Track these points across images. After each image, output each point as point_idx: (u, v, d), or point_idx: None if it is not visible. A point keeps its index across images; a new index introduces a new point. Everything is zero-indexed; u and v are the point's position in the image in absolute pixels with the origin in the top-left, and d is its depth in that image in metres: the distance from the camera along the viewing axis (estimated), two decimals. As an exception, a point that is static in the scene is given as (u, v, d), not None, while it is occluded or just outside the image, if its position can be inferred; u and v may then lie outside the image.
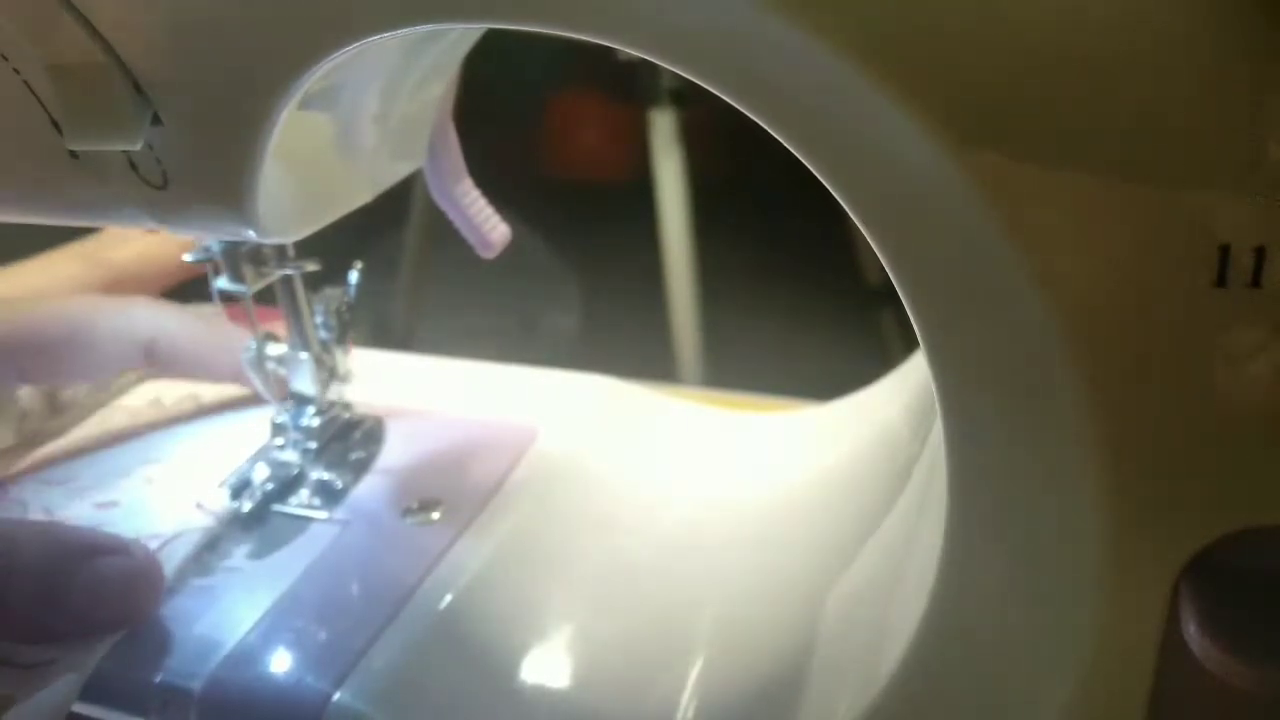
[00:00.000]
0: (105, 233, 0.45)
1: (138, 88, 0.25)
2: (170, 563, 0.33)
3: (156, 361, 0.40)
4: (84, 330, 0.39)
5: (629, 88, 1.08)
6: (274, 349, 0.38)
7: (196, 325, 0.40)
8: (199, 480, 0.37)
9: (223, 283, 0.36)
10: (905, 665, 0.25)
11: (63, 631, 0.29)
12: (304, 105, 0.26)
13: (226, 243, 0.35)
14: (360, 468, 0.38)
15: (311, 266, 0.36)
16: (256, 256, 0.35)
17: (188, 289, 0.44)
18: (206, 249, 0.35)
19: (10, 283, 0.43)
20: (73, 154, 0.27)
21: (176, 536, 0.34)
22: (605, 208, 1.32)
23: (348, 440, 0.39)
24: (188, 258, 0.35)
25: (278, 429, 0.39)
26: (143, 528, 0.35)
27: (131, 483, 0.37)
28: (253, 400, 0.41)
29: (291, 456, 0.38)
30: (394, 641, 0.30)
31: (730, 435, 0.41)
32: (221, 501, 0.36)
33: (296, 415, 0.38)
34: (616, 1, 0.22)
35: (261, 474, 0.37)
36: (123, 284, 0.43)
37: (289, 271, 0.36)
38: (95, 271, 0.43)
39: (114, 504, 0.36)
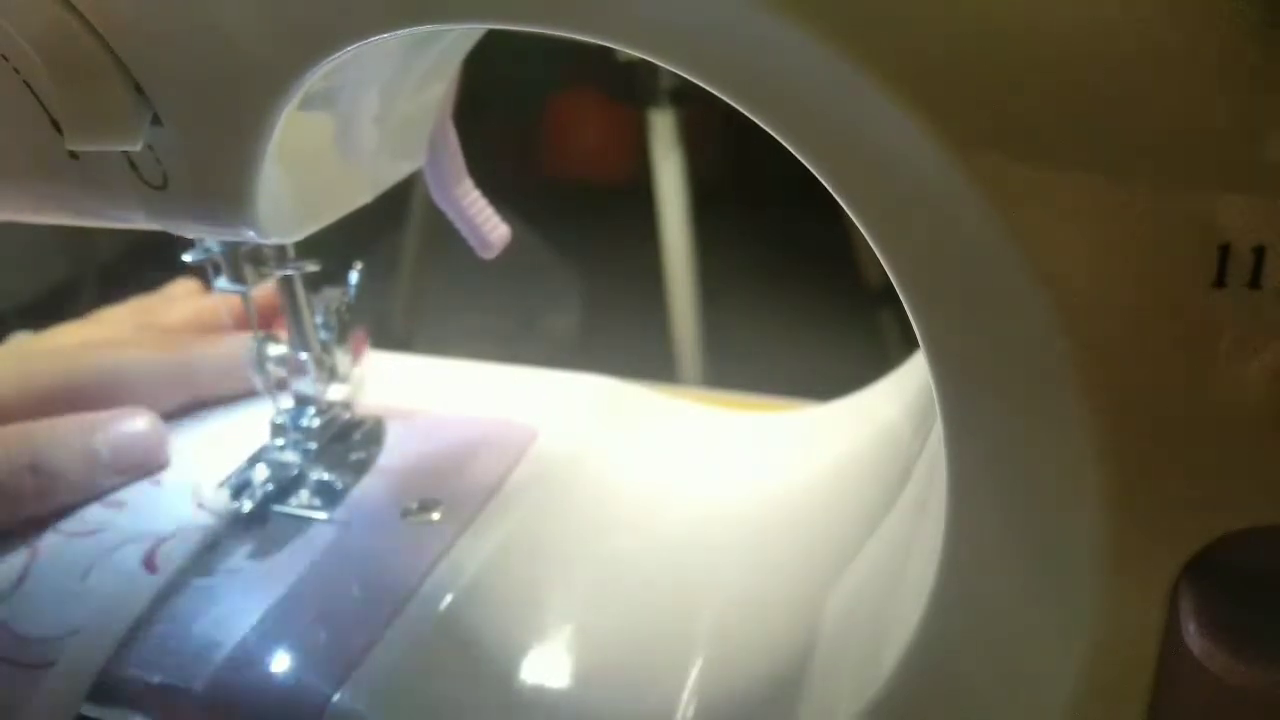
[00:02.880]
0: (157, 295, 0.45)
1: (138, 88, 0.25)
2: (171, 562, 0.33)
3: (202, 392, 0.41)
4: (127, 372, 0.39)
5: (629, 88, 1.08)
6: (274, 349, 0.38)
7: (234, 346, 0.40)
8: (206, 480, 0.37)
9: (223, 283, 0.36)
10: (905, 665, 0.25)
11: (105, 485, 0.37)
12: (304, 106, 0.26)
13: (226, 243, 0.35)
14: (360, 468, 0.38)
15: (311, 267, 0.36)
16: (256, 256, 0.35)
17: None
18: (206, 249, 0.35)
19: (66, 337, 0.43)
20: (73, 154, 0.27)
21: (175, 535, 0.34)
22: (605, 208, 1.32)
23: (348, 441, 0.39)
24: (188, 258, 0.35)
25: (277, 429, 0.39)
26: (150, 527, 0.35)
27: (138, 484, 0.37)
28: (254, 399, 0.41)
29: (291, 457, 0.38)
30: (394, 642, 0.30)
31: (730, 435, 0.41)
32: (221, 502, 0.36)
33: (296, 416, 0.38)
34: (616, 1, 0.22)
35: (261, 474, 0.37)
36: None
37: (289, 271, 0.36)
38: (147, 333, 0.43)
39: (122, 504, 0.36)
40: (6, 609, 0.32)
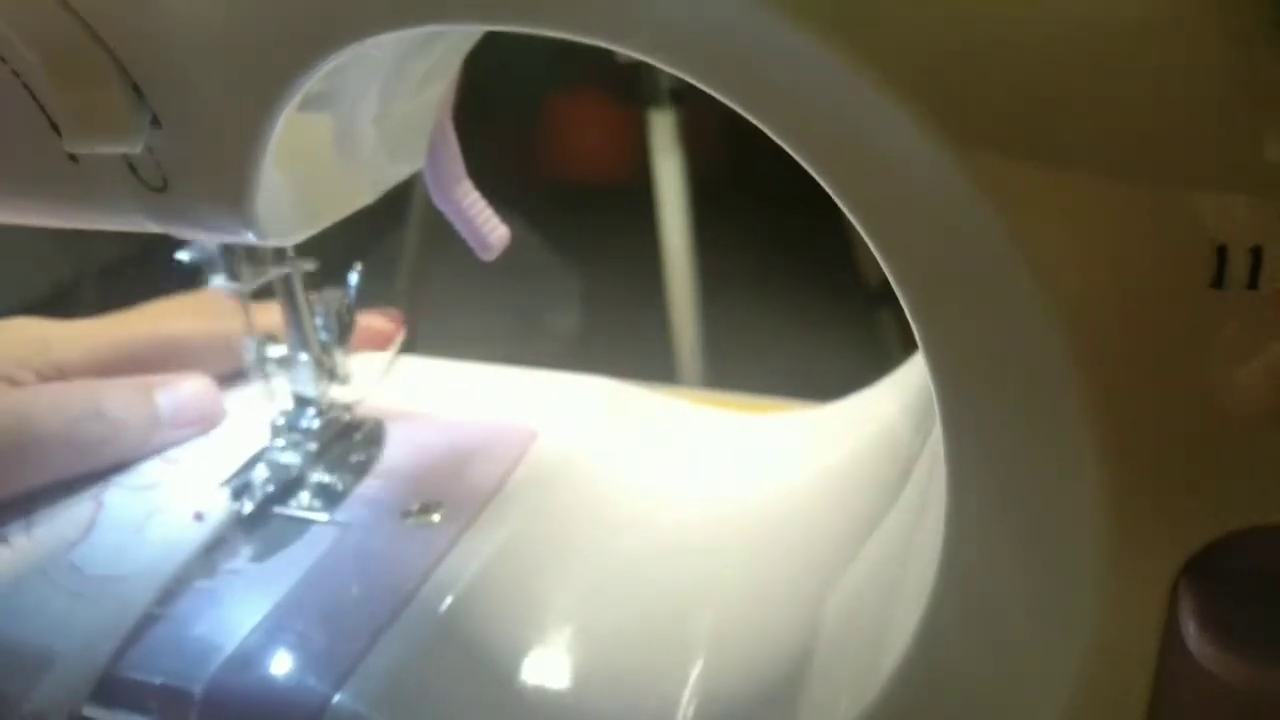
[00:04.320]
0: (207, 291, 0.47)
1: (136, 89, 0.25)
2: (216, 515, 0.35)
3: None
4: (183, 340, 0.41)
5: (628, 88, 1.08)
6: (274, 350, 0.38)
7: (275, 317, 0.41)
8: (231, 464, 0.38)
9: (219, 281, 0.36)
10: (905, 665, 0.25)
11: (163, 440, 0.39)
12: (304, 107, 0.26)
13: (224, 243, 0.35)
14: (360, 469, 0.38)
15: (309, 266, 0.36)
16: (254, 255, 0.35)
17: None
18: (202, 248, 0.35)
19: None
20: (72, 157, 0.27)
21: (221, 492, 0.36)
22: (605, 208, 1.32)
23: (348, 442, 0.39)
24: (184, 256, 0.35)
25: (277, 431, 0.39)
26: (200, 483, 0.37)
27: (192, 442, 0.39)
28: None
29: (292, 458, 0.38)
30: (394, 644, 0.30)
31: (730, 435, 0.41)
32: (222, 503, 0.36)
33: (297, 417, 0.38)
34: (615, 3, 0.22)
35: (262, 476, 0.37)
36: None
37: (286, 270, 0.36)
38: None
39: (177, 461, 0.38)
40: (79, 553, 0.34)
